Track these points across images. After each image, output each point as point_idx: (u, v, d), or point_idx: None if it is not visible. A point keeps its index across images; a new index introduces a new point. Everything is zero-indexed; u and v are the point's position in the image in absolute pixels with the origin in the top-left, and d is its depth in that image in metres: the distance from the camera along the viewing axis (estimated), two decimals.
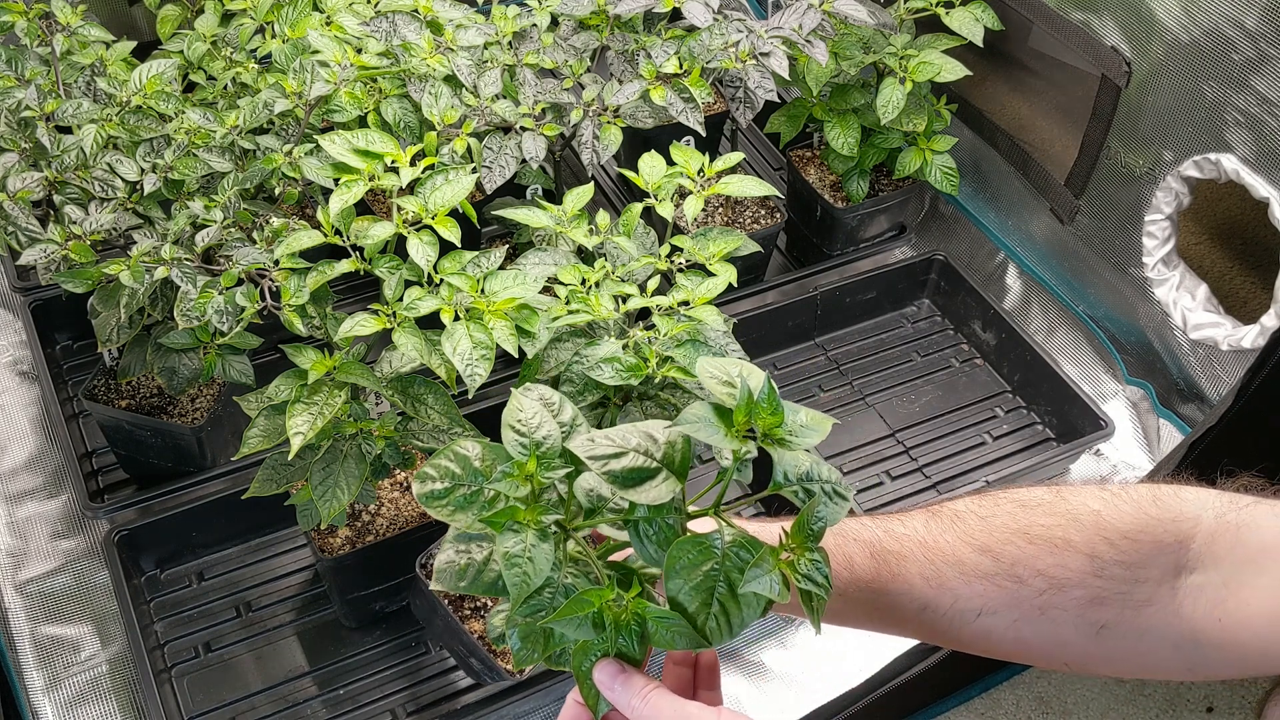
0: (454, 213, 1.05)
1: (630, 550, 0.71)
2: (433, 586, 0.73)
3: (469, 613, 1.21)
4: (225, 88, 1.35)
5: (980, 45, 1.50)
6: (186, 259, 1.12)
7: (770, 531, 0.78)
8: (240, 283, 1.10)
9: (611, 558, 0.74)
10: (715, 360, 0.72)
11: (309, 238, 1.06)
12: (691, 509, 0.72)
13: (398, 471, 1.32)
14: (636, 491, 0.67)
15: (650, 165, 1.24)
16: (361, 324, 1.02)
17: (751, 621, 0.69)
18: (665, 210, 1.22)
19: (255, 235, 1.13)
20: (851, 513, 0.75)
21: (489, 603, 1.21)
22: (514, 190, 1.56)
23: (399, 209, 1.05)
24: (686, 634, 0.68)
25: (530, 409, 0.70)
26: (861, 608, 0.84)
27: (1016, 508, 0.82)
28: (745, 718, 0.66)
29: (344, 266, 1.06)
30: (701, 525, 0.72)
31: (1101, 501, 0.80)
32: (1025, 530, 0.80)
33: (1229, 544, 0.75)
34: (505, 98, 1.32)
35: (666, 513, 0.69)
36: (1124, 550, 0.77)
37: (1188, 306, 1.48)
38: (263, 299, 1.09)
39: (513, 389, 0.73)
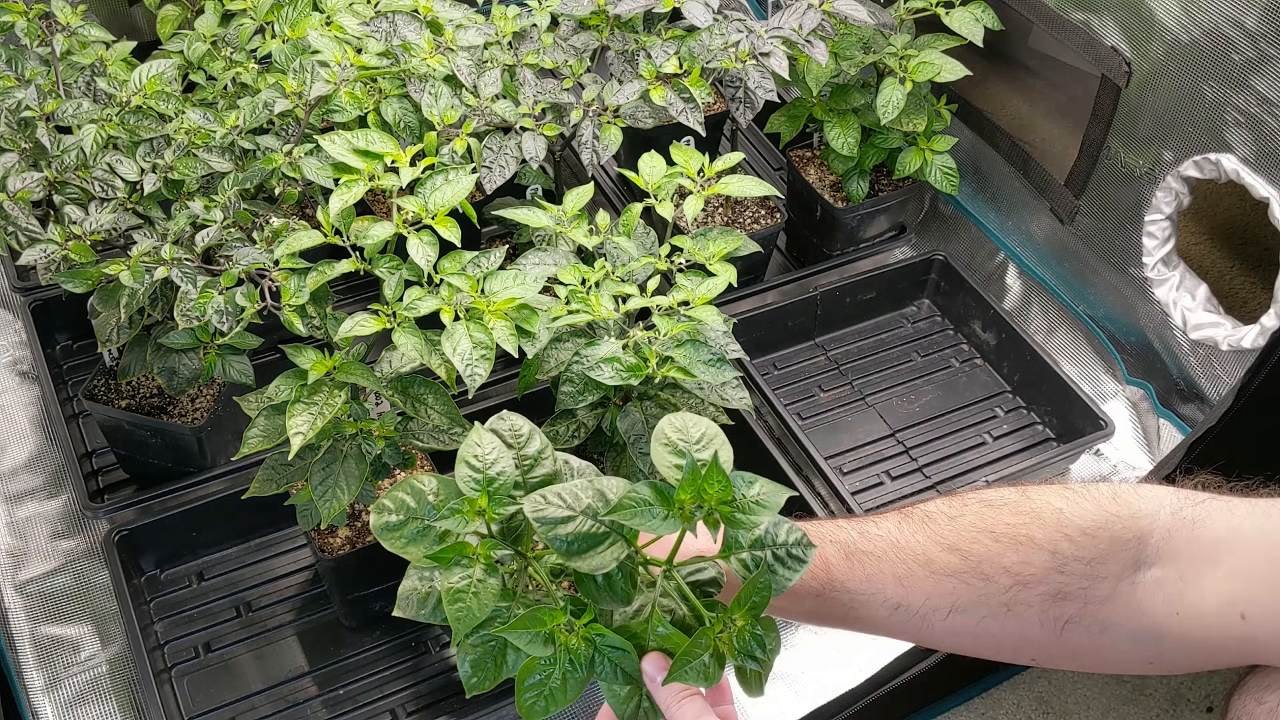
0: (454, 213, 1.06)
1: None
2: (395, 613, 0.74)
3: None
4: (225, 88, 1.35)
5: (980, 45, 1.50)
6: (186, 259, 1.12)
7: None
8: (240, 283, 1.10)
9: None
10: (679, 418, 0.72)
11: (309, 238, 1.06)
12: (653, 553, 0.72)
13: (398, 471, 1.32)
14: (582, 560, 0.67)
15: (650, 165, 1.24)
16: (361, 324, 1.02)
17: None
18: (665, 210, 1.22)
19: (255, 235, 1.13)
20: (831, 514, 0.76)
21: None
22: (514, 190, 1.56)
23: (399, 209, 1.05)
24: (630, 670, 0.69)
25: (488, 444, 0.71)
26: (838, 608, 0.86)
27: (984, 507, 0.84)
28: None
29: (344, 266, 1.06)
30: (662, 548, 0.72)
31: (1064, 500, 0.82)
32: (991, 529, 0.82)
33: (1185, 539, 0.77)
34: (505, 98, 1.32)
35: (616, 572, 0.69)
36: (1084, 546, 0.79)
37: (1188, 306, 1.48)
38: (263, 299, 1.09)
39: (475, 424, 0.73)
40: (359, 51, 1.20)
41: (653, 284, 1.18)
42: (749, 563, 0.72)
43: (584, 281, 1.14)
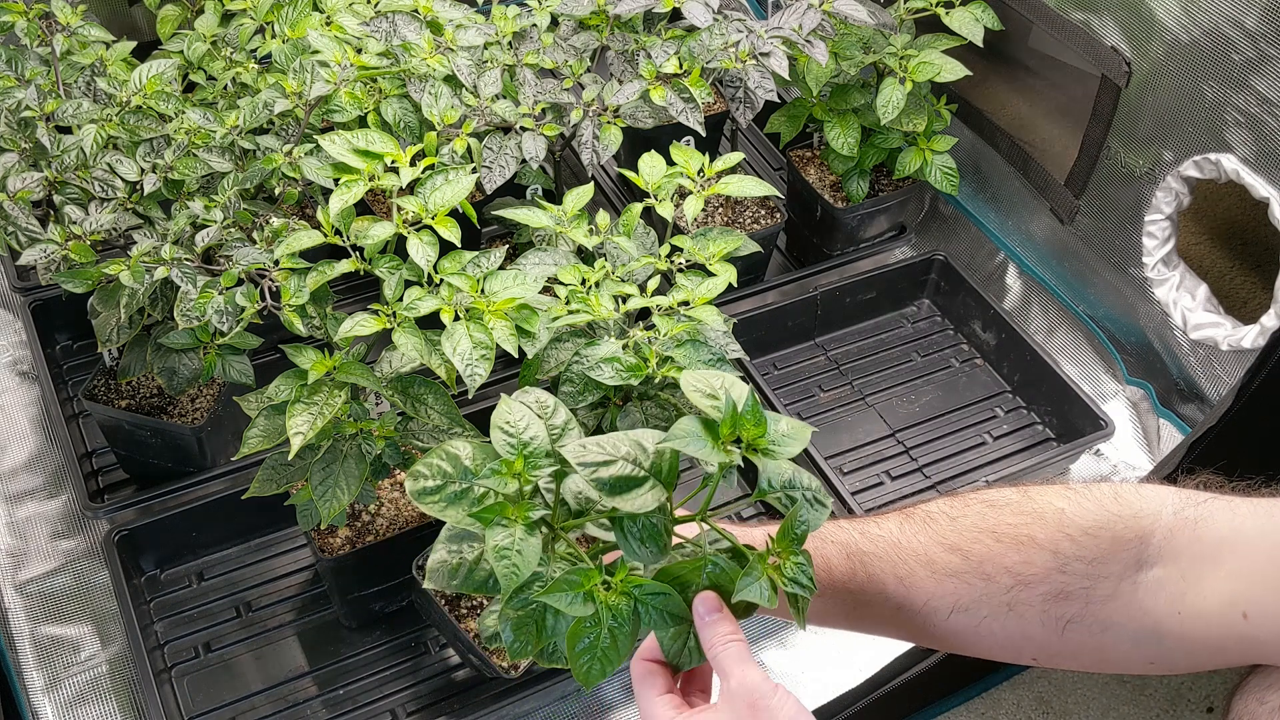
0: (454, 213, 1.05)
1: (619, 553, 0.73)
2: (425, 585, 0.75)
3: (465, 612, 1.22)
4: (225, 88, 1.35)
5: (980, 45, 1.50)
6: (186, 259, 1.12)
7: (753, 535, 0.80)
8: (240, 283, 1.10)
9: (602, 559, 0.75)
10: (698, 373, 0.75)
11: (309, 238, 1.06)
12: (679, 513, 0.74)
13: (398, 471, 1.32)
14: (623, 499, 0.69)
15: (650, 165, 1.24)
16: (361, 324, 1.02)
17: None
18: (665, 210, 1.22)
19: (255, 235, 1.13)
20: (832, 515, 0.78)
21: (484, 602, 1.21)
22: (514, 190, 1.56)
23: (399, 209, 1.05)
24: (677, 611, 0.71)
25: (518, 412, 0.74)
26: (840, 608, 0.86)
27: (985, 507, 0.84)
28: (796, 700, 0.67)
29: (344, 266, 1.06)
30: (688, 530, 0.75)
31: (1066, 500, 0.82)
32: (993, 529, 0.83)
33: (1187, 539, 0.77)
34: (505, 98, 1.32)
35: (653, 514, 0.71)
36: (1085, 546, 0.79)
37: (1188, 306, 1.48)
38: (263, 299, 1.09)
39: (503, 395, 0.75)
40: (359, 51, 1.20)
41: (653, 284, 1.18)
42: (784, 501, 0.75)
43: (584, 281, 1.14)
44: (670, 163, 1.26)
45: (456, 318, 1.02)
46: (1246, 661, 0.79)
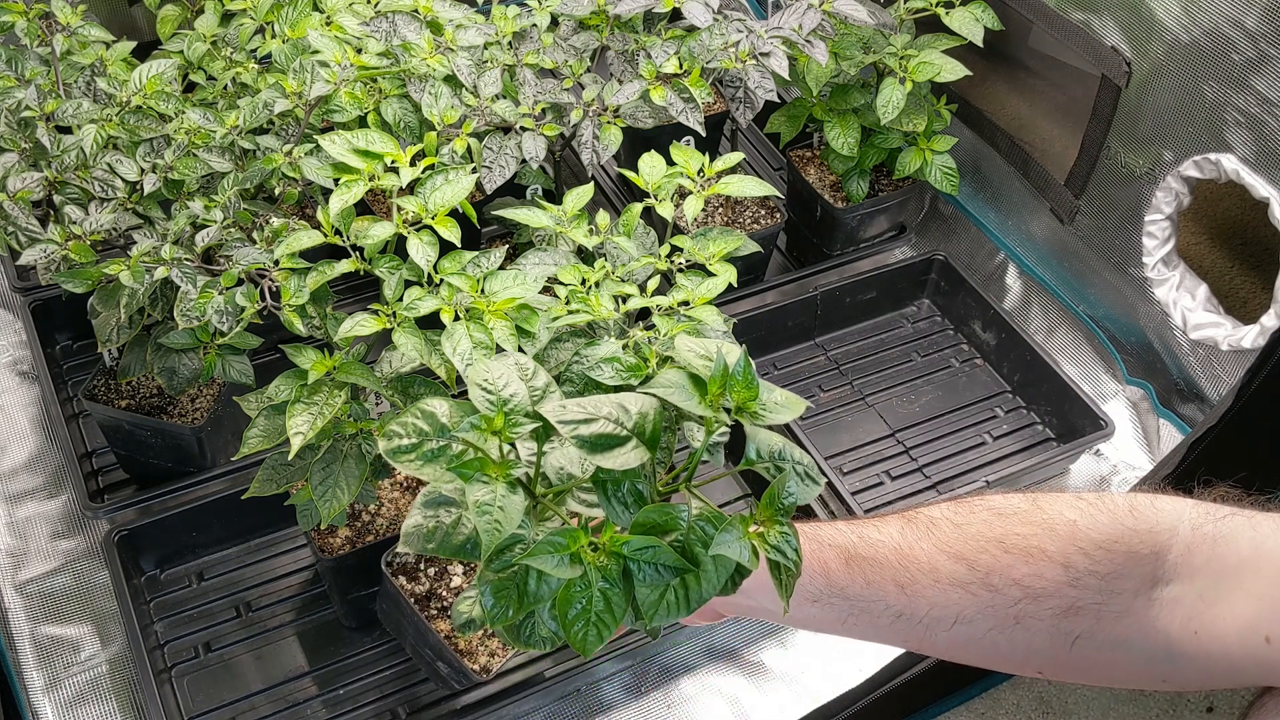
0: (454, 213, 1.06)
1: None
2: (399, 549, 0.73)
3: (435, 613, 1.21)
4: (225, 88, 1.35)
5: (980, 45, 1.50)
6: (186, 259, 1.12)
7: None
8: (240, 283, 1.10)
9: None
10: (694, 339, 0.72)
11: (309, 238, 1.06)
12: (663, 487, 0.72)
13: (398, 471, 1.32)
14: (605, 457, 0.66)
15: (650, 165, 1.24)
16: (361, 324, 1.02)
17: (710, 597, 0.68)
18: (665, 210, 1.22)
19: (255, 235, 1.13)
20: (833, 515, 0.75)
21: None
22: (514, 190, 1.56)
23: (399, 209, 1.05)
24: (669, 562, 0.67)
25: (497, 370, 0.70)
26: (836, 614, 0.83)
27: (992, 515, 0.82)
28: None
29: (344, 266, 1.06)
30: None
31: (1078, 511, 0.79)
32: (1001, 539, 0.80)
33: (1205, 557, 0.74)
34: (505, 98, 1.32)
35: (637, 477, 0.68)
36: (1099, 561, 0.77)
37: (1188, 306, 1.48)
38: (263, 299, 1.09)
39: (479, 357, 0.72)
40: (359, 51, 1.20)
41: (653, 284, 1.18)
42: (771, 471, 0.72)
43: (584, 281, 1.14)
44: (670, 163, 1.26)
45: (456, 318, 1.02)
46: (1265, 684, 0.77)
